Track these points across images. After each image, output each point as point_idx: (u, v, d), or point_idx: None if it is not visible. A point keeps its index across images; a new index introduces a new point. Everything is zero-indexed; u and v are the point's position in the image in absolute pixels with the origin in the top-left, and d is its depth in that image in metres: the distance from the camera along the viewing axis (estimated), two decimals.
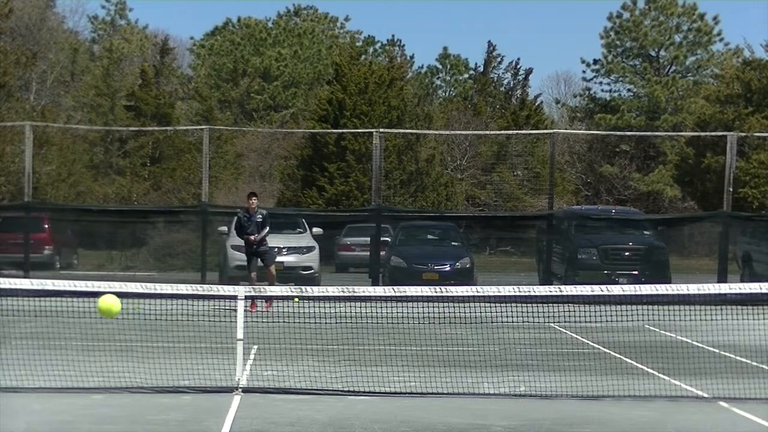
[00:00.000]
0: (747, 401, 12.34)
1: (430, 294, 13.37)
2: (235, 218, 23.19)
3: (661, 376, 14.09)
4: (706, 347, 16.87)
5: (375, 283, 26.42)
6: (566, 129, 55.10)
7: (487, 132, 48.45)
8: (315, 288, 15.29)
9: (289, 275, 26.86)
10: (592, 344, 17.29)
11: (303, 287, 13.91)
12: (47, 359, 13.44)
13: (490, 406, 11.94)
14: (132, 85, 52.39)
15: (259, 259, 22.37)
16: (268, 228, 22.48)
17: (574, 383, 13.12)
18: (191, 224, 29.60)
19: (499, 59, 65.50)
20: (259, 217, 22.39)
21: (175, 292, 12.95)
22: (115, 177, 46.43)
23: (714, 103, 44.87)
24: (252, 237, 22.19)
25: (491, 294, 12.91)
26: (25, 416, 10.97)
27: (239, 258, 27.18)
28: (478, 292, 13.56)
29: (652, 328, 19.46)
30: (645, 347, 15.89)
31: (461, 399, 12.30)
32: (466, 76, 69.78)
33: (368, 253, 29.28)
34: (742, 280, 26.95)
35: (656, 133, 50.28)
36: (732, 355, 16.07)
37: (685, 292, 12.65)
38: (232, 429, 10.53)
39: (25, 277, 22.30)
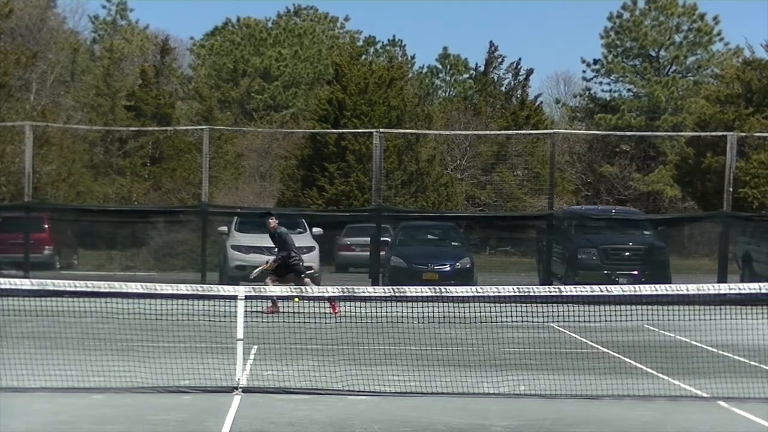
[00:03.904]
0: (746, 401, 12.35)
1: (430, 294, 13.37)
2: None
3: (661, 375, 14.11)
4: (706, 347, 16.88)
5: (375, 283, 26.42)
6: (566, 129, 55.07)
7: (487, 132, 48.43)
8: (315, 288, 15.31)
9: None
10: (591, 344, 17.30)
11: (303, 287, 13.93)
12: (47, 359, 13.44)
13: (490, 406, 11.95)
14: (132, 85, 52.39)
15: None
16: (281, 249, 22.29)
17: (574, 383, 13.13)
18: (191, 224, 29.60)
19: (500, 59, 65.53)
20: (277, 237, 22.20)
21: (175, 292, 12.96)
22: (115, 177, 46.42)
23: (714, 103, 44.86)
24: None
25: (491, 294, 12.92)
26: (25, 416, 10.97)
27: (239, 258, 27.25)
28: (478, 292, 13.56)
29: (651, 327, 19.47)
30: (645, 347, 15.90)
31: (461, 399, 12.31)
32: (466, 76, 69.77)
33: (368, 253, 29.28)
34: (742, 280, 26.95)
35: (656, 133, 50.26)
36: (731, 355, 16.08)
37: (685, 292, 12.66)
38: (232, 429, 10.54)
39: (25, 277, 22.29)
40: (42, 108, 45.66)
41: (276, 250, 22.24)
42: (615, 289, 12.75)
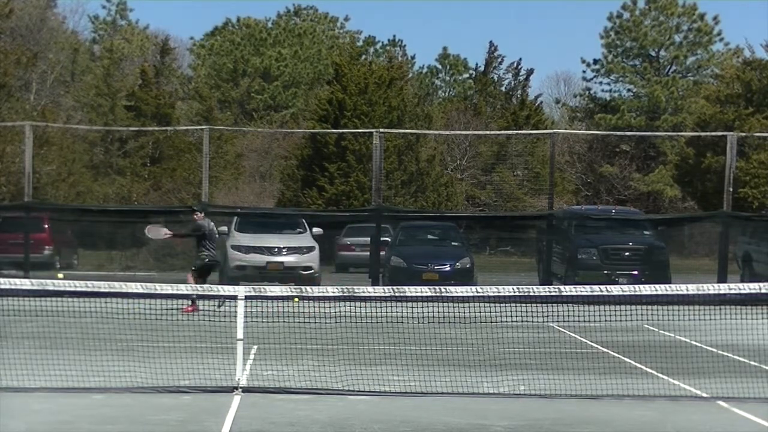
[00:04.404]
0: (746, 401, 12.35)
1: (430, 294, 13.37)
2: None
3: (661, 375, 14.11)
4: (706, 347, 16.89)
5: (375, 283, 26.42)
6: (566, 129, 55.06)
7: (487, 132, 48.43)
8: (315, 288, 15.30)
9: (289, 275, 26.89)
10: (592, 344, 17.30)
11: (303, 287, 13.92)
12: (47, 359, 13.44)
13: (490, 406, 11.95)
14: (132, 85, 52.35)
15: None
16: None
17: (574, 383, 13.13)
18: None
19: (500, 59, 65.54)
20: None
21: (175, 292, 12.95)
22: (115, 177, 46.39)
23: (714, 103, 44.86)
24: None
25: (491, 294, 12.92)
26: (25, 416, 10.97)
27: (239, 258, 27.27)
28: (478, 292, 13.56)
29: (651, 327, 19.47)
30: (644, 347, 15.91)
31: (461, 399, 12.31)
32: (466, 76, 69.78)
33: (368, 253, 29.29)
34: (742, 280, 26.95)
35: (656, 133, 50.26)
36: (731, 355, 16.08)
37: (685, 292, 12.66)
38: (232, 429, 10.54)
39: (25, 277, 22.29)
40: (42, 108, 45.64)
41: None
42: (615, 289, 12.75)
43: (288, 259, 27.44)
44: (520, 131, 48.71)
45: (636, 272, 26.79)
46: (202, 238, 22.08)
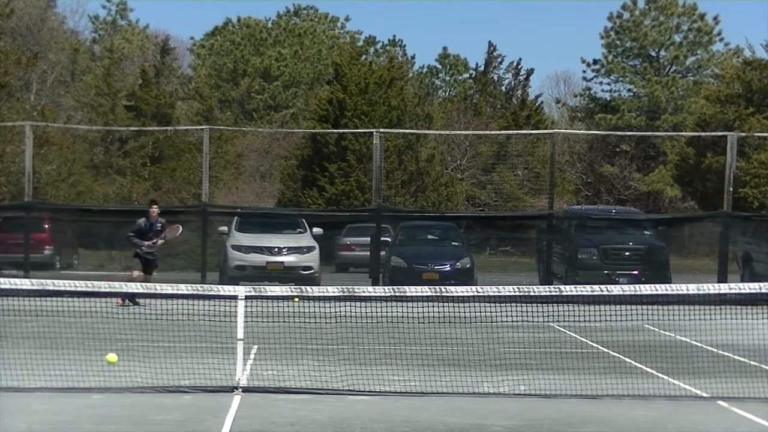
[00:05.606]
0: (746, 401, 12.35)
1: (430, 294, 13.37)
2: (137, 223, 23.22)
3: (661, 375, 14.11)
4: (706, 347, 16.89)
5: (375, 283, 26.44)
6: (566, 129, 55.06)
7: (487, 132, 48.44)
8: (315, 288, 15.31)
9: (289, 275, 26.89)
10: (592, 344, 17.30)
11: (303, 287, 13.92)
12: (47, 359, 13.44)
13: (490, 406, 11.95)
14: (132, 85, 52.35)
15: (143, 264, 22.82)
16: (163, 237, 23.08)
17: (574, 383, 13.12)
18: (191, 224, 29.59)
19: (499, 59, 65.53)
20: (158, 226, 23.07)
21: (175, 292, 12.96)
22: (115, 177, 46.40)
23: (714, 103, 44.81)
24: (146, 243, 23.07)
25: (491, 294, 12.92)
26: (25, 416, 10.97)
27: (239, 258, 27.28)
28: (478, 292, 13.57)
29: (651, 327, 19.47)
30: (645, 347, 15.90)
31: (461, 399, 12.31)
32: (466, 76, 69.77)
33: (368, 253, 29.30)
34: (742, 280, 26.95)
35: (656, 133, 50.24)
36: (731, 355, 16.08)
37: (685, 292, 12.66)
38: (232, 429, 10.54)
39: (25, 277, 22.29)
40: (42, 108, 45.65)
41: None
42: (615, 289, 12.75)
43: (288, 259, 27.44)
44: (520, 131, 48.71)
45: (636, 272, 26.80)
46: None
